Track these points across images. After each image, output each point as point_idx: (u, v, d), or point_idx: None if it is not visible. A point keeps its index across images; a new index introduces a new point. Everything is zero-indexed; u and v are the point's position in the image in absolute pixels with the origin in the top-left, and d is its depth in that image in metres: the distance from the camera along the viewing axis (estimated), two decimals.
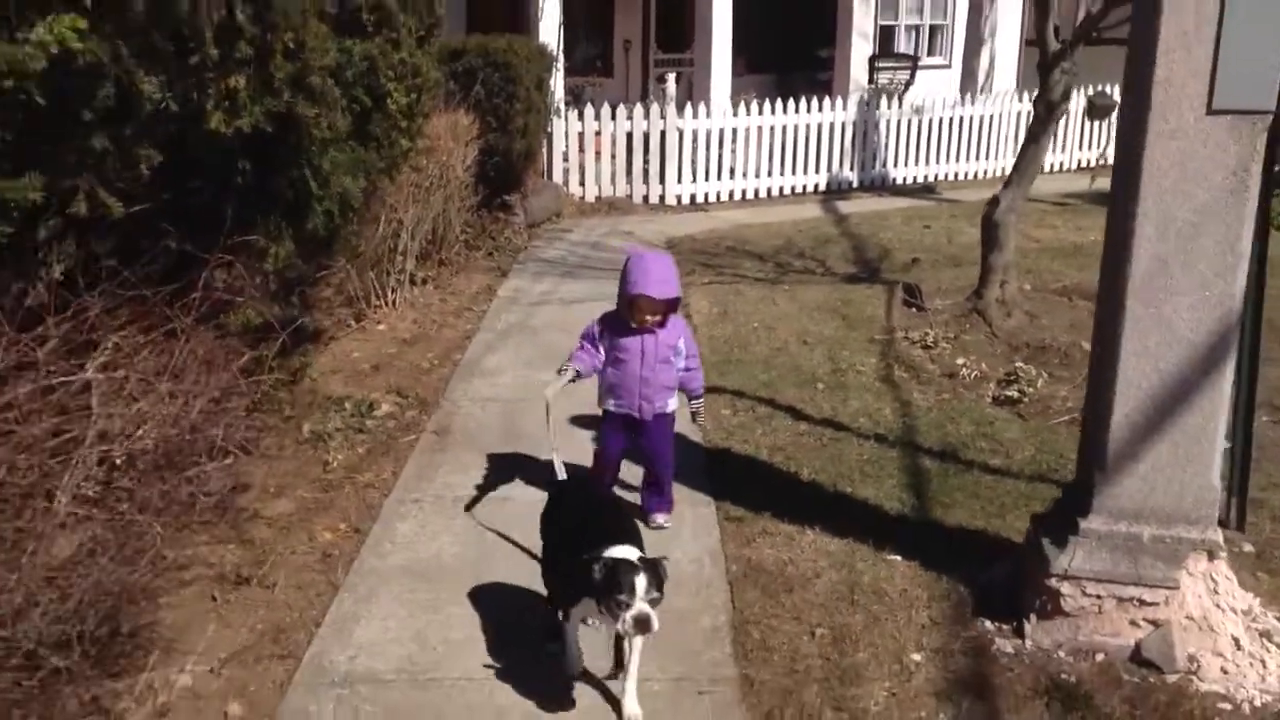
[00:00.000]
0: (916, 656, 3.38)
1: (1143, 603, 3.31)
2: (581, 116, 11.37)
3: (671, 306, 4.11)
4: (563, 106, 11.44)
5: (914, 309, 7.29)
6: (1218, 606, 3.32)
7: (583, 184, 11.62)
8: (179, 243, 3.50)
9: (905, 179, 13.14)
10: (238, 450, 4.02)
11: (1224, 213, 3.19)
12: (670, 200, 11.79)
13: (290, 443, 5.01)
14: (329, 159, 3.79)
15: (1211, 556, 3.34)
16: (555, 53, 11.26)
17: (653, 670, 3.28)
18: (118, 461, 2.84)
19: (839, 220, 10.89)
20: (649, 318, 4.06)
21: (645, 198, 11.76)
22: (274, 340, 4.00)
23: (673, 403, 4.26)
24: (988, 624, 3.52)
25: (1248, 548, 4.07)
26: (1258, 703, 3.13)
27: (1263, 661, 3.26)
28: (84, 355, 3.14)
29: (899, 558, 3.98)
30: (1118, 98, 7.48)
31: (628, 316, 4.09)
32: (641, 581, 2.89)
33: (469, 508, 4.42)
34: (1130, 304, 3.27)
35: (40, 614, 2.84)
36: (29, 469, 2.75)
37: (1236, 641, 3.29)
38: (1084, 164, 14.19)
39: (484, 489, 4.60)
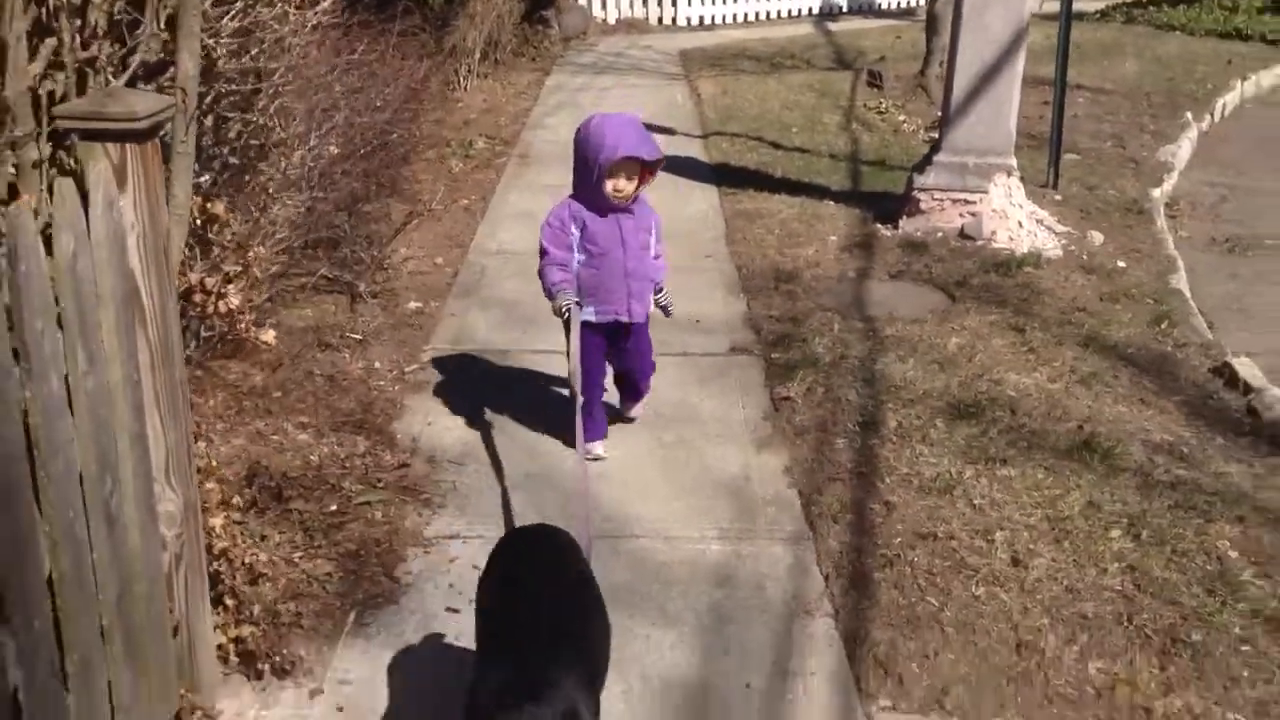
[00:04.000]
0: (833, 237, 5.88)
1: (967, 202, 5.76)
2: None
3: (651, 173, 3.62)
4: None
5: (875, 88, 9.57)
6: (1011, 204, 5.77)
7: (604, 8, 13.73)
8: None
9: (892, 4, 15.17)
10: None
11: None
12: (681, 22, 13.92)
13: (418, 160, 7.42)
14: None
15: (1009, 175, 5.77)
16: None
17: (681, 253, 5.73)
18: (377, 104, 5.23)
19: (827, 34, 13.05)
20: (625, 186, 3.54)
21: (660, 19, 13.89)
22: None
23: (651, 299, 3.80)
24: (879, 225, 6.00)
25: (1057, 198, 6.51)
26: (1025, 250, 5.60)
27: (1034, 235, 5.73)
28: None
29: (833, 203, 6.43)
30: None
31: (597, 195, 3.56)
32: None
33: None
34: (965, 14, 5.61)
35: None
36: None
37: (1020, 224, 5.74)
38: None
39: None
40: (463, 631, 2.87)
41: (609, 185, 3.54)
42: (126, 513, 2.25)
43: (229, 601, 2.73)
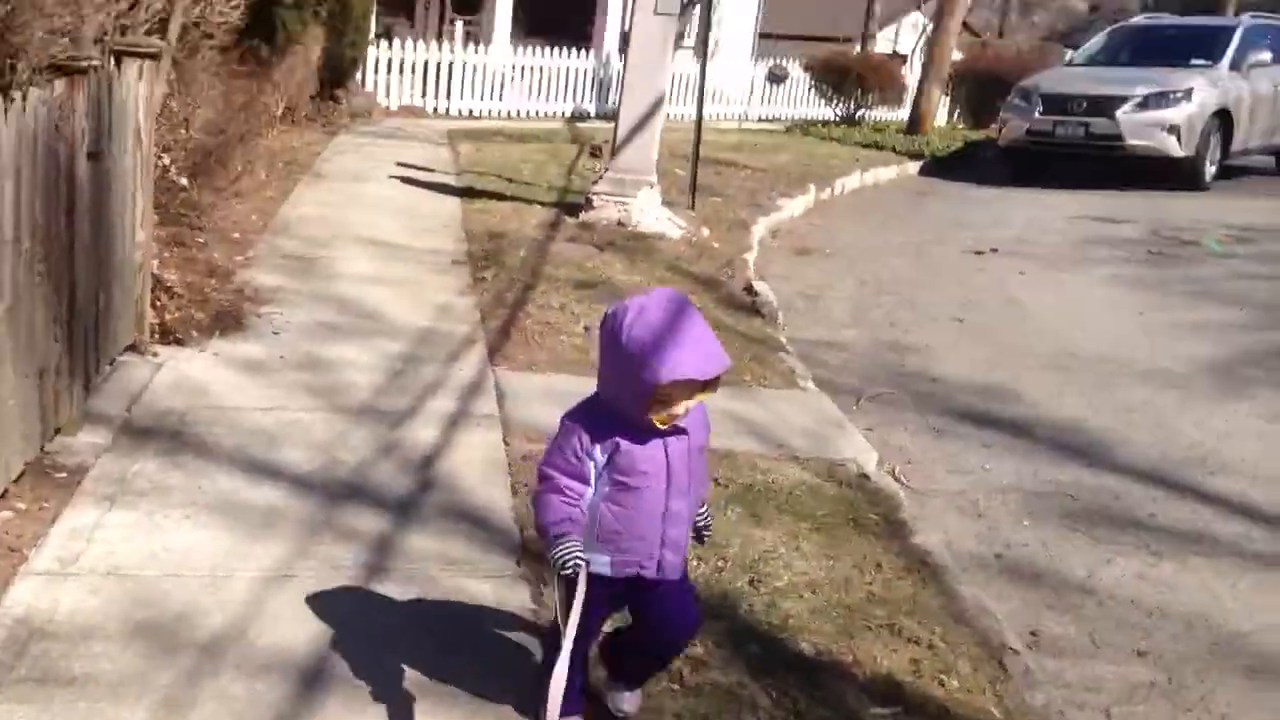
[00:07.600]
0: (534, 221, 9.03)
1: (623, 203, 9.04)
2: (391, 45, 16.61)
3: (716, 383, 2.57)
4: (376, 38, 16.66)
5: (595, 158, 13.02)
6: (650, 205, 9.09)
7: (388, 95, 16.87)
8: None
9: None
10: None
11: (657, 56, 8.95)
12: (454, 112, 17.24)
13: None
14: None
15: (651, 187, 9.11)
16: None
17: (428, 225, 8.68)
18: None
19: (572, 128, 16.64)
20: (679, 411, 2.54)
21: (434, 109, 17.15)
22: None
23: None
24: (566, 217, 9.20)
25: (691, 214, 9.94)
26: (655, 232, 8.88)
27: (665, 226, 9.06)
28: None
29: (540, 207, 9.60)
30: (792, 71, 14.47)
31: (640, 413, 2.52)
32: None
33: None
34: (628, 82, 8.99)
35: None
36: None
37: (656, 219, 9.06)
38: (762, 117, 20.60)
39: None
40: None
41: (660, 413, 2.53)
42: (126, 245, 4.96)
43: None
